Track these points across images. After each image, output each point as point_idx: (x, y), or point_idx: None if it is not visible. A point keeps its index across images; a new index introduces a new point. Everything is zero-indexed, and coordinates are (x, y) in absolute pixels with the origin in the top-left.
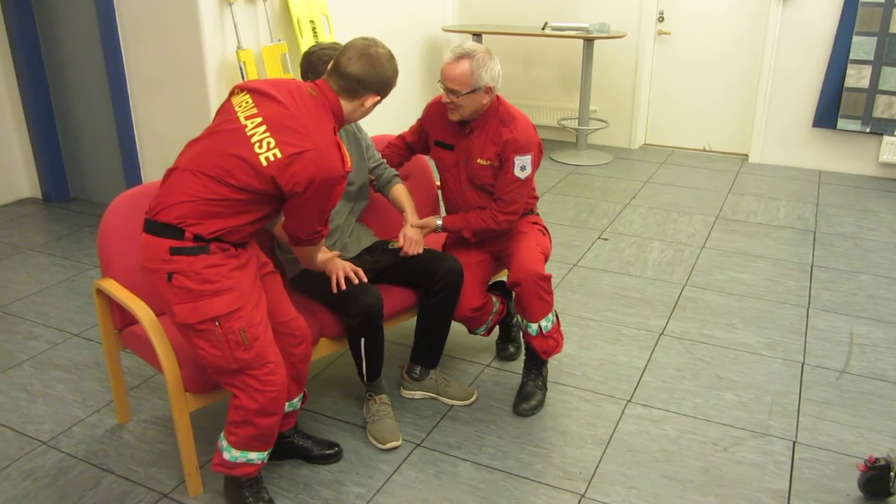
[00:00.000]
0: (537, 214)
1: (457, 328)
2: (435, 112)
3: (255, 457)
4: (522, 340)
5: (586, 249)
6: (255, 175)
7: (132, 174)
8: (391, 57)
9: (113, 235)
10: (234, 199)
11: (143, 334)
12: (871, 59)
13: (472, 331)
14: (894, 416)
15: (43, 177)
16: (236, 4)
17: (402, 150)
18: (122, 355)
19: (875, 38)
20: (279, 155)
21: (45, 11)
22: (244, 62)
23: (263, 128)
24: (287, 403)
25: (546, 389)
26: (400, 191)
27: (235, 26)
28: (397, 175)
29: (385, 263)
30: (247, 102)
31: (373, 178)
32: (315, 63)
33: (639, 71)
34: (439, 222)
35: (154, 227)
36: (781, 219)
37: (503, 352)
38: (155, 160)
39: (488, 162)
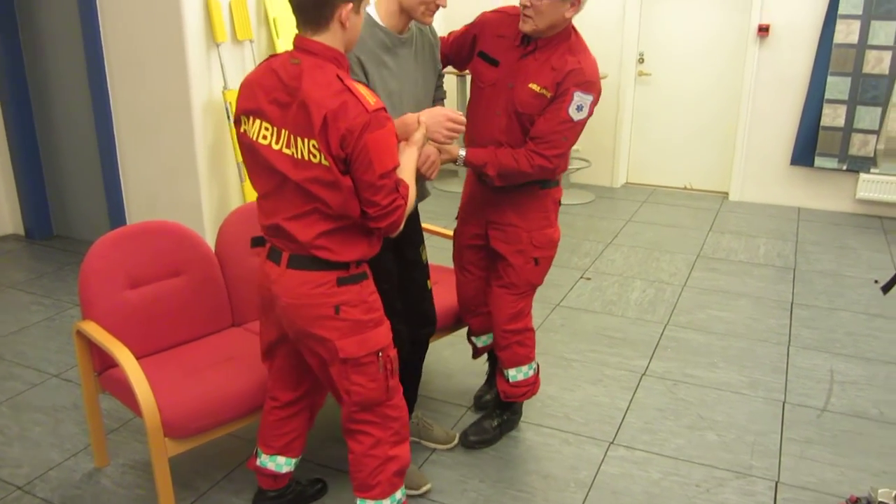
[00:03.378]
0: (558, 185)
1: (434, 370)
2: (489, 20)
3: (401, 494)
4: None
5: (569, 289)
6: (333, 186)
7: (116, 213)
8: None
9: (94, 277)
10: (343, 223)
11: (123, 377)
12: (846, 98)
13: (473, 333)
14: (875, 454)
15: (26, 213)
16: (223, 45)
17: None
18: (101, 397)
19: (849, 79)
20: (317, 146)
21: (33, 48)
22: (230, 102)
23: (300, 139)
24: (287, 462)
25: (503, 432)
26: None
27: (222, 67)
28: (444, 98)
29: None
30: (266, 129)
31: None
32: None
33: (620, 111)
34: (462, 153)
35: (311, 261)
36: (762, 256)
37: (479, 399)
38: (140, 199)
39: (541, 89)
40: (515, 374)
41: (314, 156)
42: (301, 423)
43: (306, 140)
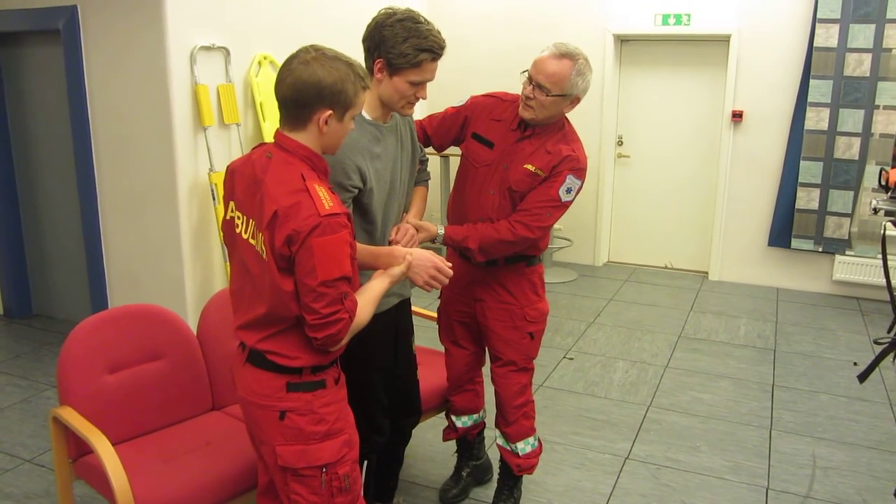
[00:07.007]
0: (541, 262)
1: (416, 453)
2: (482, 104)
3: None
4: (480, 464)
5: (552, 369)
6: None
7: (98, 292)
8: (319, 58)
9: (73, 363)
10: (284, 325)
11: (99, 465)
12: (819, 182)
13: (455, 412)
14: None
15: (6, 292)
16: (210, 129)
17: (420, 139)
18: (74, 484)
19: (821, 163)
20: (264, 239)
21: (19, 127)
22: (216, 184)
23: (259, 233)
24: None
25: None
26: (418, 191)
27: (209, 150)
28: (428, 179)
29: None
30: (239, 218)
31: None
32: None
33: (601, 191)
34: (441, 231)
35: (264, 361)
36: (742, 337)
37: (446, 494)
38: (122, 279)
39: (536, 169)
40: (524, 447)
41: (262, 251)
42: None
43: (260, 234)
